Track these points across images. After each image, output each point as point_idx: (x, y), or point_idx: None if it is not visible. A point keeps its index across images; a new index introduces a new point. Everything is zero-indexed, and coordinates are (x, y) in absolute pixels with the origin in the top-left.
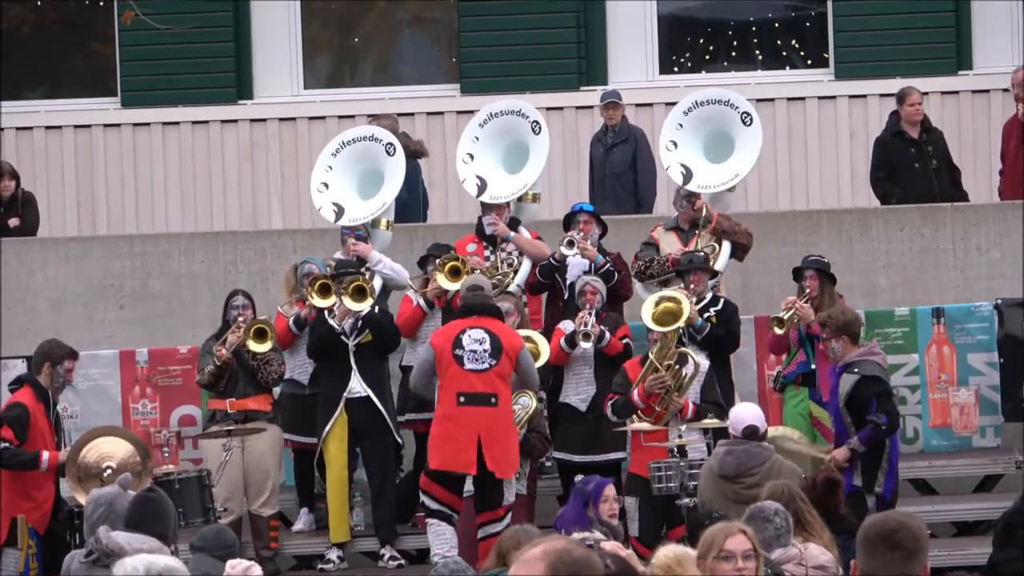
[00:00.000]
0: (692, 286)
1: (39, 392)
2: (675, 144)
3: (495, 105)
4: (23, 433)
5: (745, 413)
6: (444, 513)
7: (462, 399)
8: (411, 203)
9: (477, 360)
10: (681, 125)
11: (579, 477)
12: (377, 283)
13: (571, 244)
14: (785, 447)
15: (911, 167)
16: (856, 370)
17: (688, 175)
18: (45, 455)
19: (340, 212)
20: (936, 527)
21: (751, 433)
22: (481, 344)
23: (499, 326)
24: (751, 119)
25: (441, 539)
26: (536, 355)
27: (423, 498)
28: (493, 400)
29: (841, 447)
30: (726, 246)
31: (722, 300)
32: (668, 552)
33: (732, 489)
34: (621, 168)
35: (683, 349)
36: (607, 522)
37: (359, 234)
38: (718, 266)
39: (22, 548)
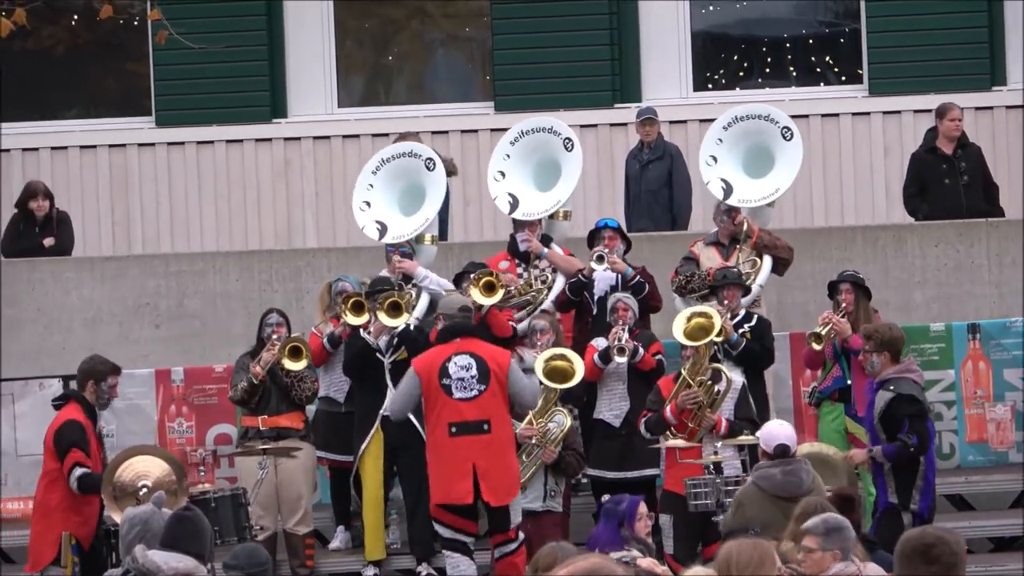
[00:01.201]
0: (726, 301)
1: (86, 408)
2: (715, 159)
3: (526, 123)
4: (88, 451)
5: (778, 431)
6: (459, 542)
7: (454, 429)
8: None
9: (465, 388)
10: (721, 140)
11: (606, 497)
12: (424, 300)
13: (600, 259)
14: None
15: (941, 183)
16: (892, 388)
17: (728, 190)
18: None
19: (384, 230)
20: (973, 543)
21: (783, 452)
22: (468, 370)
23: (484, 348)
24: (791, 134)
25: (457, 572)
26: (572, 374)
27: (437, 527)
28: (485, 427)
29: (861, 450)
30: (767, 261)
31: (756, 316)
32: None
33: (791, 508)
34: (657, 185)
35: (716, 365)
36: (642, 539)
37: (404, 251)
38: (759, 281)
39: (66, 565)
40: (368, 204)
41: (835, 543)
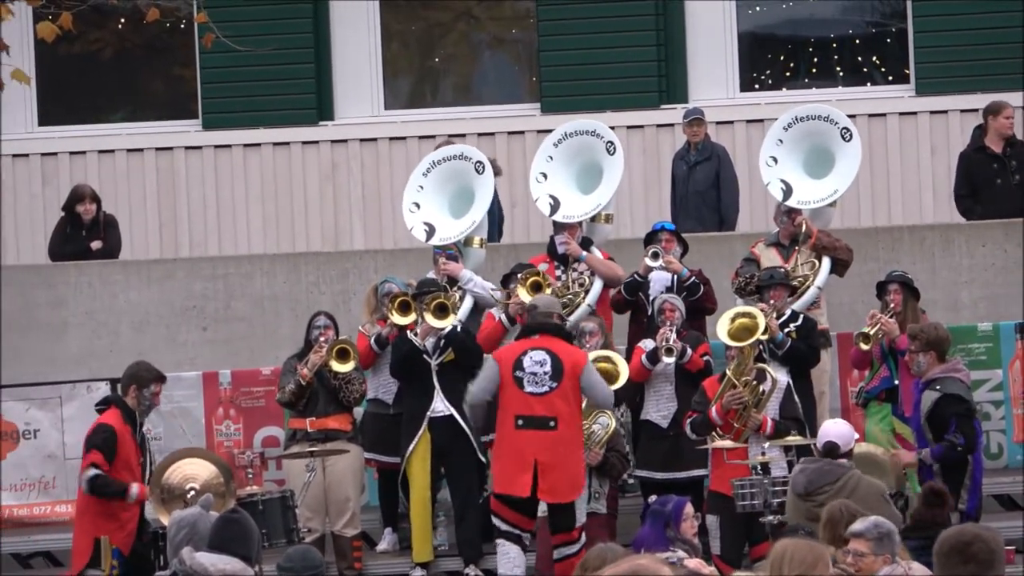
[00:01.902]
0: (771, 301)
1: (126, 413)
2: (775, 160)
3: (570, 125)
4: (111, 456)
5: (829, 428)
6: (514, 534)
7: (520, 422)
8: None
9: (537, 383)
10: (781, 141)
11: (653, 498)
12: (468, 302)
13: (656, 256)
14: (871, 463)
15: (992, 183)
16: (938, 387)
17: (788, 191)
18: (135, 489)
19: (431, 232)
20: (1021, 542)
21: (829, 450)
22: (542, 366)
23: (562, 346)
24: (851, 134)
25: (506, 559)
26: (616, 376)
27: (494, 519)
28: (552, 423)
29: (909, 452)
30: (826, 262)
31: (802, 316)
32: None
33: (806, 507)
34: (704, 185)
35: (761, 365)
36: (688, 540)
37: (450, 253)
38: (818, 283)
39: (105, 569)
40: (417, 205)
41: (886, 548)
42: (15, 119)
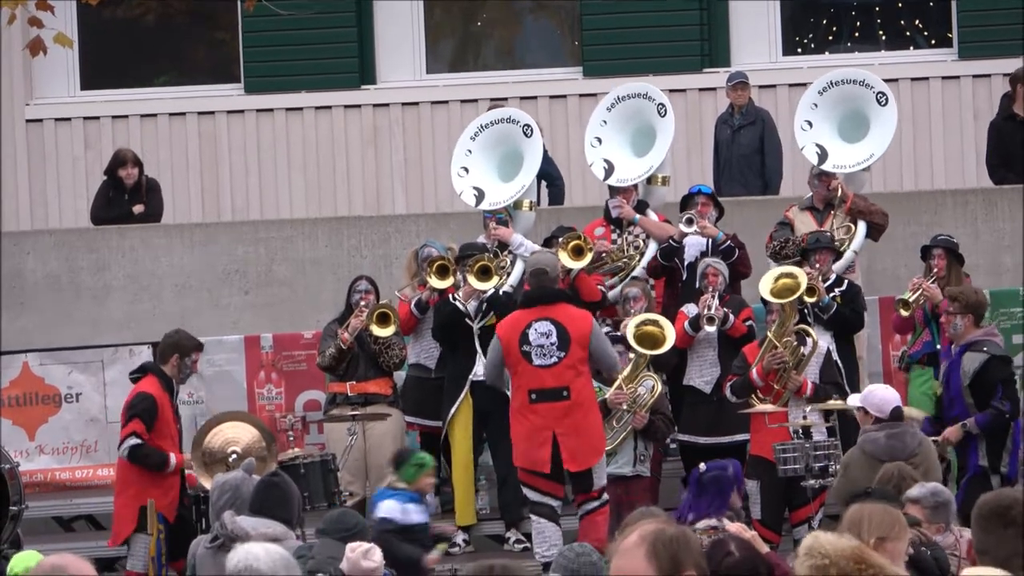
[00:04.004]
0: (817, 265)
1: (164, 381)
2: (810, 124)
3: (621, 88)
4: (151, 424)
5: (888, 394)
6: (547, 506)
7: (534, 396)
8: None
9: (545, 355)
10: (816, 104)
11: (702, 466)
12: (519, 267)
13: (690, 222)
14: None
15: (1022, 151)
16: (985, 348)
17: (823, 155)
18: (172, 459)
19: (481, 196)
20: None
21: (898, 415)
22: (548, 337)
23: (565, 313)
24: (887, 99)
25: (541, 538)
26: (663, 340)
27: (524, 490)
28: (565, 393)
29: (955, 427)
30: (861, 226)
31: (847, 281)
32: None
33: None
34: (748, 150)
35: (802, 326)
36: (733, 505)
37: (500, 217)
38: (853, 247)
39: (152, 533)
40: (466, 170)
41: (941, 517)
42: (58, 83)
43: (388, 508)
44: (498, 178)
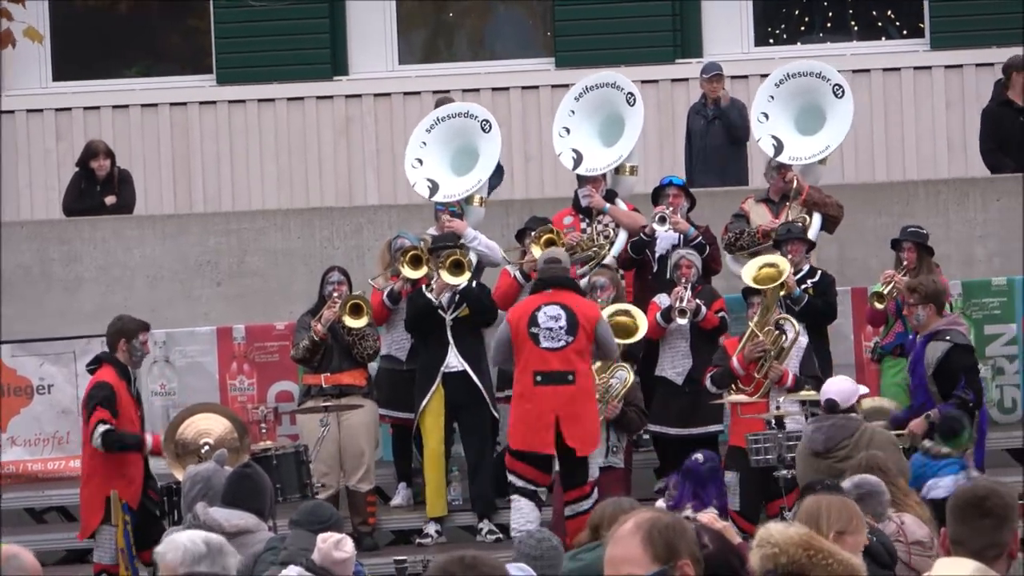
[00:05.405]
0: (789, 256)
1: (120, 369)
2: (766, 116)
3: (590, 79)
4: (114, 412)
5: (828, 386)
6: (529, 491)
7: (539, 378)
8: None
9: (553, 338)
10: (772, 97)
11: (698, 457)
12: (472, 259)
13: (663, 220)
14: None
15: (1021, 136)
16: (948, 338)
17: (779, 147)
18: (149, 438)
19: (434, 188)
20: None
21: (830, 407)
22: (557, 321)
23: (575, 299)
24: (843, 91)
25: (519, 514)
26: (634, 330)
27: (509, 476)
28: (570, 378)
29: (919, 419)
30: (816, 218)
31: (819, 272)
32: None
33: (826, 464)
34: (722, 140)
35: (784, 316)
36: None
37: (453, 210)
38: (809, 238)
39: (117, 524)
40: (420, 161)
41: (868, 507)
42: (29, 74)
43: None
44: (452, 172)
